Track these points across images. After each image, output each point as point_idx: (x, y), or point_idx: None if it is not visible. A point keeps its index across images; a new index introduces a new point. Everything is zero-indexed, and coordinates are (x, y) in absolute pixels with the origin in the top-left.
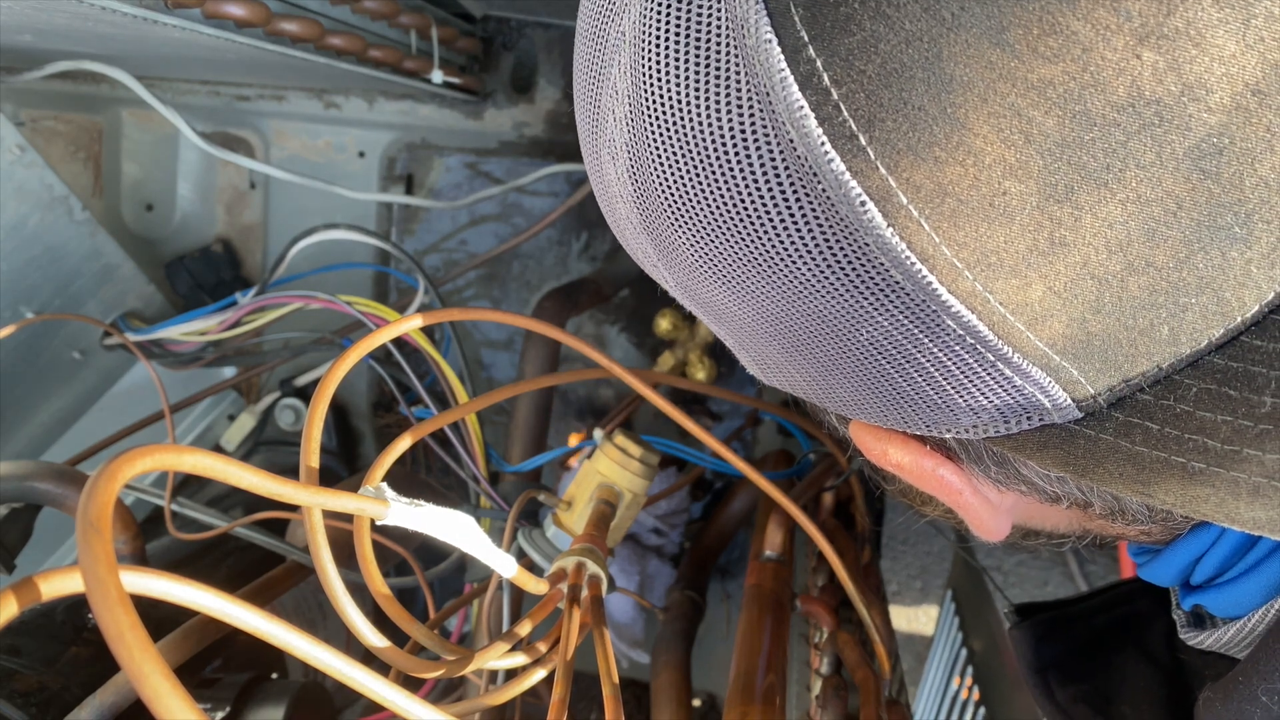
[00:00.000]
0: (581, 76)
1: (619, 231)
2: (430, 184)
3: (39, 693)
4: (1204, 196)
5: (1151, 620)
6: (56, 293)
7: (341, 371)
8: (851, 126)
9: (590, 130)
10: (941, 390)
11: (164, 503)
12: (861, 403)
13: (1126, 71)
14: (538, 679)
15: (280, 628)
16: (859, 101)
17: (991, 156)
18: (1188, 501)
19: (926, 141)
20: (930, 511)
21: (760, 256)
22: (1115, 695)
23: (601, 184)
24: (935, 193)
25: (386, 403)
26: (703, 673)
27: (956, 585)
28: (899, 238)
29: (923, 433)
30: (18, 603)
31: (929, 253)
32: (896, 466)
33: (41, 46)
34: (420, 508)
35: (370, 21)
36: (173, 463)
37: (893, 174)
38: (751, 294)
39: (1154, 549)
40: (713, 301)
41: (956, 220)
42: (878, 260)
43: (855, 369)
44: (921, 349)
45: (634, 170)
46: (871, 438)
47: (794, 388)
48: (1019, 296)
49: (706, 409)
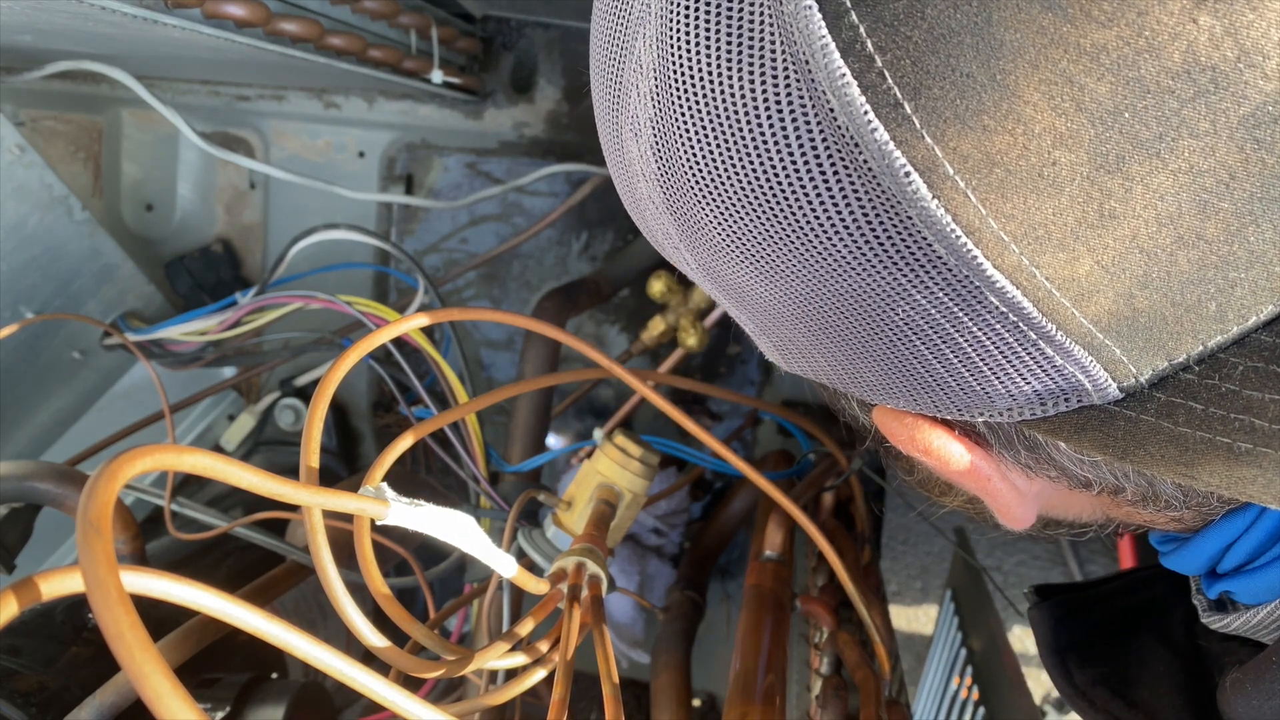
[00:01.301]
0: (601, 51)
1: (638, 213)
2: (430, 184)
3: (39, 693)
4: (1258, 167)
5: (1170, 606)
6: (56, 293)
7: (341, 371)
8: (896, 94)
9: (610, 107)
10: (978, 372)
11: (164, 503)
12: (890, 386)
13: (1182, 36)
14: (538, 679)
15: (280, 628)
16: (904, 68)
17: (1041, 125)
18: (1234, 483)
19: (974, 110)
20: (950, 502)
21: (794, 234)
22: (1134, 679)
23: (622, 163)
24: (983, 163)
25: (386, 403)
26: (703, 673)
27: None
28: (944, 210)
29: (954, 417)
30: (18, 603)
31: (975, 225)
32: (924, 452)
33: (41, 46)
34: (420, 508)
35: (370, 21)
36: (173, 463)
37: (939, 143)
38: (781, 274)
39: (1180, 537)
40: (738, 283)
41: (1004, 191)
42: (920, 234)
43: (887, 351)
44: (960, 328)
45: (659, 147)
46: (897, 423)
47: (817, 373)
48: (1066, 271)
49: (706, 409)
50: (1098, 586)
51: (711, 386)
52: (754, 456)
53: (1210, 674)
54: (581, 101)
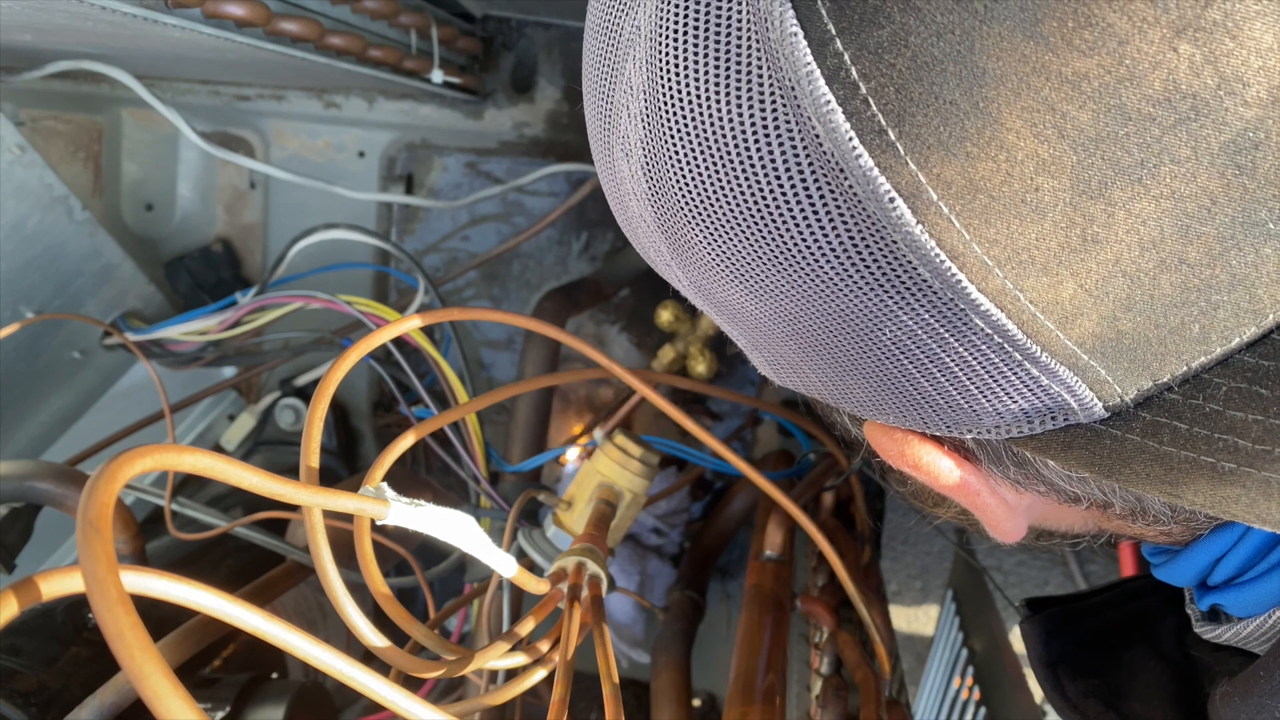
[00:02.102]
0: (592, 71)
1: (630, 230)
2: (430, 184)
3: (39, 692)
4: (1239, 192)
5: (1161, 616)
6: (56, 293)
7: (341, 371)
8: (881, 121)
9: (602, 126)
10: (965, 390)
11: (164, 502)
12: (879, 403)
13: (1163, 65)
14: (538, 679)
15: (280, 628)
16: (888, 96)
17: (1024, 151)
18: (1217, 502)
19: (958, 137)
20: (943, 514)
21: (781, 255)
22: (1126, 690)
23: (613, 181)
24: (966, 189)
25: (386, 403)
26: (703, 673)
27: (956, 585)
28: (928, 235)
29: (942, 433)
30: (18, 603)
31: (959, 250)
32: (914, 468)
33: (41, 46)
34: (420, 508)
35: (370, 21)
36: (173, 462)
37: (923, 169)
38: (770, 293)
39: (1171, 549)
40: (728, 301)
41: (987, 217)
42: (905, 258)
43: (875, 369)
44: (946, 348)
45: (649, 167)
46: (887, 439)
47: (808, 388)
48: (1049, 295)
49: (706, 409)
50: (1089, 598)
51: (711, 386)
52: (754, 456)
53: (1202, 684)
54: (581, 101)
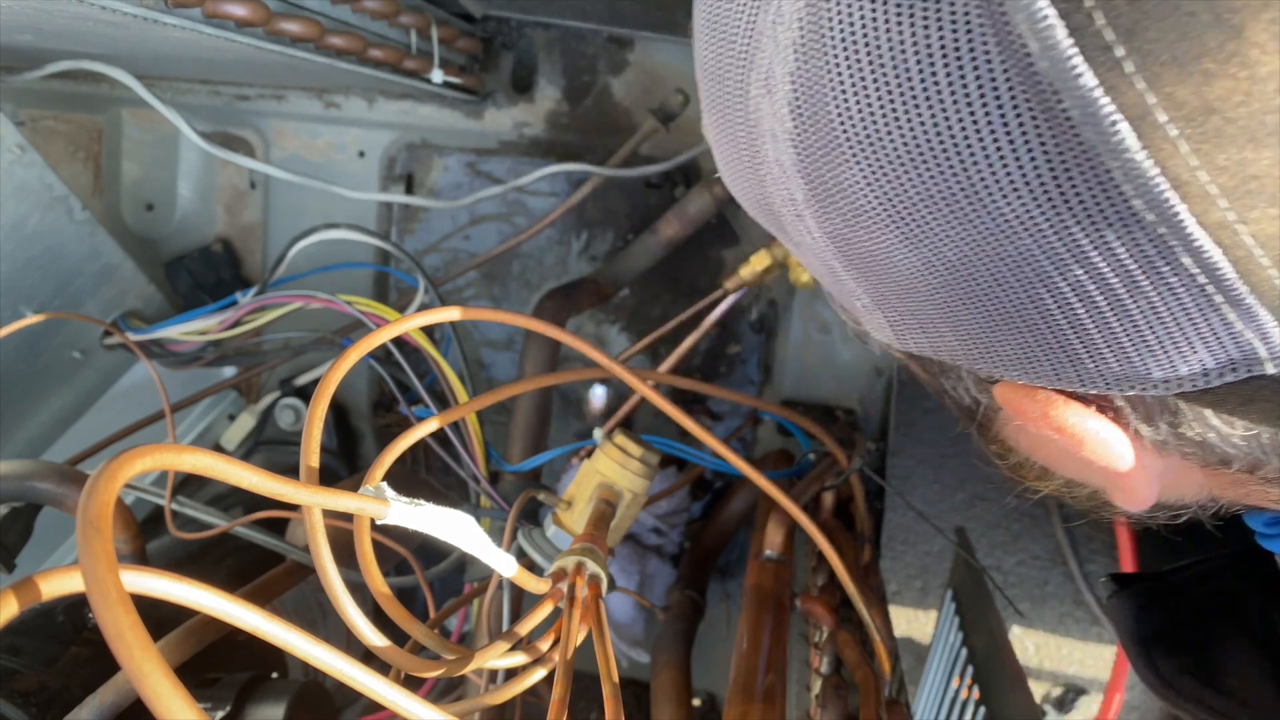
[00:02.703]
0: (721, 9)
1: (755, 180)
2: (430, 184)
3: (39, 692)
4: None
5: (1245, 596)
6: (56, 293)
7: (341, 371)
8: (1107, 36)
9: (733, 63)
10: (1144, 342)
11: (164, 502)
12: (1031, 360)
13: None
14: (538, 678)
15: (280, 627)
16: (1118, 7)
17: (1268, 68)
18: None
19: (1195, 52)
20: (1045, 486)
21: (960, 194)
22: (1220, 668)
23: (743, 125)
24: (1200, 110)
25: (386, 403)
26: (703, 673)
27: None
28: (1152, 161)
29: (1100, 390)
30: (18, 602)
31: (1183, 178)
32: (1057, 430)
33: (41, 46)
34: (420, 507)
35: (370, 21)
36: (173, 462)
37: (1153, 89)
38: (932, 239)
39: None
40: (873, 252)
41: (1219, 141)
42: (1117, 189)
43: (1039, 320)
44: (1136, 293)
45: (799, 101)
46: (1028, 400)
47: (937, 349)
48: (1272, 228)
49: (706, 409)
50: (1171, 576)
51: (711, 386)
52: (754, 456)
53: None
54: (581, 101)
